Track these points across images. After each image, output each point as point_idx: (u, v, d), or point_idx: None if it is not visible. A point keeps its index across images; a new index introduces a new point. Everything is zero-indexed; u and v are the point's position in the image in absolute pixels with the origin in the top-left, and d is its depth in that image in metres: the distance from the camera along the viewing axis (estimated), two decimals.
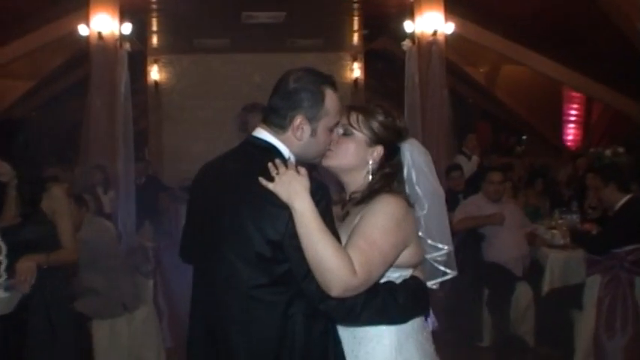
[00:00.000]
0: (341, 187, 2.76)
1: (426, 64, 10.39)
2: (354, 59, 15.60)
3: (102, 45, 9.49)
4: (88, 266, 5.40)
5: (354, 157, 2.66)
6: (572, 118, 15.89)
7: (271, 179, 2.35)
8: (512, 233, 6.64)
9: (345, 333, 2.53)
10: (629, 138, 13.31)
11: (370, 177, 2.65)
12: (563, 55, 12.31)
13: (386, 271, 2.48)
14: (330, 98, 2.52)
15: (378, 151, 2.66)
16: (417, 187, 2.67)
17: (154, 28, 13.29)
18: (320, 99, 2.49)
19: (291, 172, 2.35)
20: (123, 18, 9.85)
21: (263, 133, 2.55)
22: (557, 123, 15.79)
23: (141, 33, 12.04)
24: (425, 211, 2.68)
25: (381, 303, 2.42)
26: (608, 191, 5.92)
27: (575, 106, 15.74)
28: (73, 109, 14.53)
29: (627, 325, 5.46)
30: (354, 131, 2.66)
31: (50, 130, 14.05)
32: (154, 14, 12.33)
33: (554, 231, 6.99)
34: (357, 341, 2.54)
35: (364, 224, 2.46)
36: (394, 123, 2.69)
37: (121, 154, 9.25)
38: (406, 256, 2.53)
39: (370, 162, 2.66)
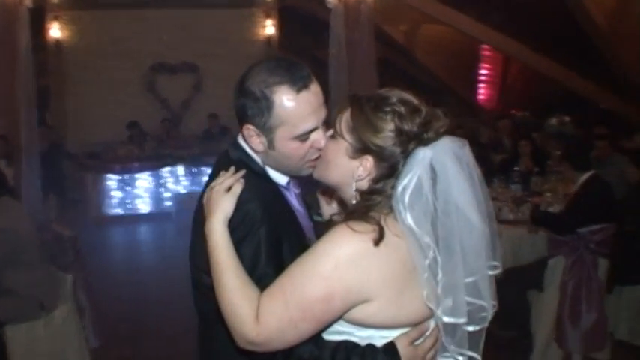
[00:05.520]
0: None
1: (352, 23, 9.84)
2: (267, 16, 14.89)
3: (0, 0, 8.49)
4: (5, 262, 4.66)
5: (335, 170, 1.99)
6: (485, 78, 15.87)
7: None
8: None
9: None
10: (549, 101, 13.35)
11: (354, 201, 1.94)
12: (485, 14, 12.12)
13: (319, 329, 1.84)
14: (287, 103, 1.98)
15: (365, 164, 1.91)
16: (408, 220, 1.80)
17: None
18: (265, 107, 1.98)
19: (217, 188, 1.99)
20: None
21: (240, 136, 2.17)
22: (474, 83, 15.73)
23: None
24: (427, 260, 1.80)
25: None
26: (567, 168, 5.64)
27: (488, 65, 15.70)
28: None
29: (592, 308, 5.20)
30: (337, 135, 1.97)
31: None
32: None
33: (500, 203, 6.64)
34: None
35: (294, 262, 1.84)
36: (401, 126, 1.86)
37: (23, 119, 8.38)
38: (367, 312, 1.82)
39: (355, 178, 1.93)
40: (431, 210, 1.81)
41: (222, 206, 1.93)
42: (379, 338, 1.87)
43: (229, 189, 1.97)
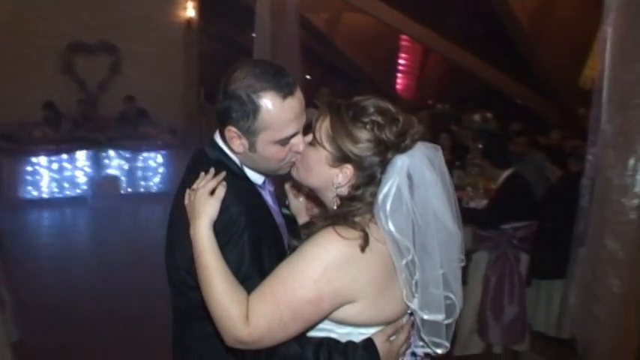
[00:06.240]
0: None
1: (278, 10, 9.82)
2: None
3: None
4: None
5: (315, 177, 2.06)
6: (403, 68, 16.10)
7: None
8: None
9: None
10: (466, 93, 13.64)
11: (335, 206, 2.03)
12: (406, 5, 12.28)
13: (306, 329, 1.92)
14: (273, 109, 2.02)
15: (345, 172, 1.99)
16: (390, 226, 1.89)
17: None
18: (251, 111, 2.02)
19: (201, 191, 2.00)
20: None
21: (216, 134, 2.20)
22: (393, 73, 15.92)
23: None
24: (405, 260, 1.90)
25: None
26: (487, 165, 5.83)
27: (407, 55, 15.92)
28: None
29: (513, 302, 5.39)
30: (317, 144, 2.03)
31: None
32: None
33: None
34: None
35: (282, 265, 1.90)
36: (379, 136, 1.93)
37: None
38: (351, 313, 1.92)
39: (335, 185, 2.01)
40: (411, 216, 1.90)
41: (207, 210, 1.95)
42: (357, 335, 1.97)
43: (213, 191, 1.99)
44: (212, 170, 2.07)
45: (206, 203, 1.96)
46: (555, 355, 5.74)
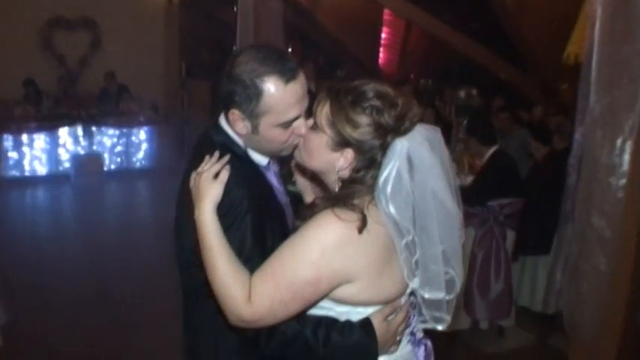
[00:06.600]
0: None
1: None
2: None
3: None
4: None
5: (317, 160, 2.11)
6: (385, 42, 16.02)
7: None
8: None
9: None
10: (448, 68, 13.63)
11: (337, 188, 2.08)
12: None
13: (306, 308, 1.99)
14: (275, 93, 2.06)
15: (346, 156, 2.03)
16: (390, 209, 1.94)
17: None
18: (254, 95, 2.07)
19: (206, 175, 2.04)
20: None
21: (221, 118, 2.25)
22: (375, 47, 15.84)
23: None
24: (405, 240, 1.96)
25: (289, 340, 2.01)
26: (473, 142, 5.87)
27: (389, 29, 15.84)
28: None
29: (499, 278, 5.45)
30: (318, 129, 2.07)
31: None
32: None
33: None
34: None
35: (283, 246, 1.96)
36: (378, 120, 1.96)
37: None
38: (349, 292, 1.98)
39: (336, 168, 2.05)
40: (411, 198, 1.95)
41: (211, 193, 2.00)
42: (355, 314, 2.03)
43: (217, 175, 2.03)
44: (216, 154, 2.11)
45: (210, 186, 2.01)
46: (540, 330, 5.82)
